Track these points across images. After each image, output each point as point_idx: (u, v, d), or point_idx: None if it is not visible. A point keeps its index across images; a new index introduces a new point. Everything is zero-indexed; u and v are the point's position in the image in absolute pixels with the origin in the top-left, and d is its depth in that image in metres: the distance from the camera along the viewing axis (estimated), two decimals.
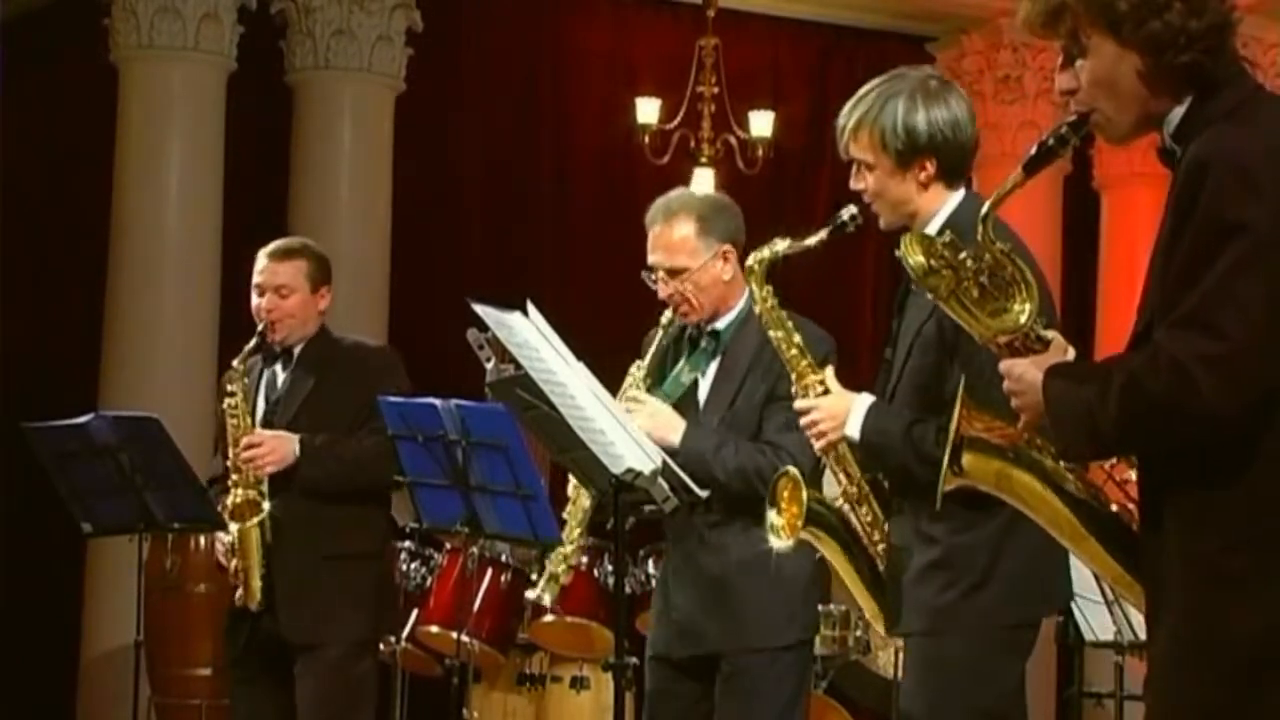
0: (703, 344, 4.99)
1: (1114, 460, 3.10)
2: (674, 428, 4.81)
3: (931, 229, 3.83)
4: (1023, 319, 2.99)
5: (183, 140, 9.08)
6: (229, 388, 5.75)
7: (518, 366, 4.77)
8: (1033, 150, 3.04)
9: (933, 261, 3.04)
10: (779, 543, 4.04)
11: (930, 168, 3.93)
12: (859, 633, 7.43)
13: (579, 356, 4.69)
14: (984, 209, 3.03)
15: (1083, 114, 2.96)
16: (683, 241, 4.94)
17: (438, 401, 5.20)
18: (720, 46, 10.49)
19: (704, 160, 10.48)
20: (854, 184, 4.02)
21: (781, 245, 4.16)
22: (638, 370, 4.96)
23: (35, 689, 9.13)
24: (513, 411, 4.90)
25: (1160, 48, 2.86)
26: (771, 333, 4.19)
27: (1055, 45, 2.99)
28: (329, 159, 9.54)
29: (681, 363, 5.00)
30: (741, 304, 4.95)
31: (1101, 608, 6.44)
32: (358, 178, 9.56)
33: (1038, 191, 8.25)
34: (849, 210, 4.02)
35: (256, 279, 5.81)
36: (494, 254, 10.47)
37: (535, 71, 10.78)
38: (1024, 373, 2.95)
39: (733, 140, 10.51)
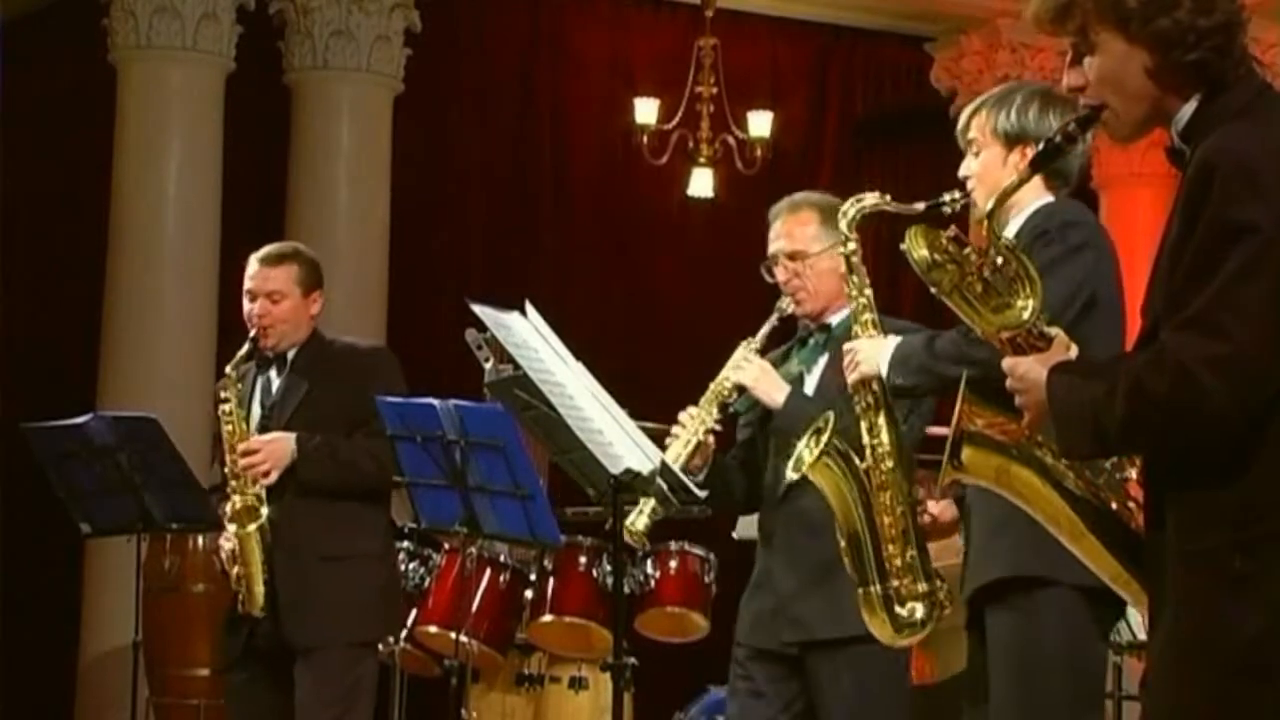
0: (813, 340, 5.06)
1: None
2: (780, 388, 4.90)
3: (1018, 220, 4.06)
4: (1025, 315, 2.99)
5: (181, 140, 9.09)
6: (223, 394, 5.73)
7: (516, 367, 4.77)
8: (1041, 146, 3.07)
9: (936, 255, 3.05)
10: (792, 475, 4.26)
11: (1029, 155, 3.99)
12: None
13: (578, 356, 4.69)
14: (989, 205, 3.06)
15: (1091, 111, 2.96)
16: (805, 229, 5.03)
17: (436, 402, 5.19)
18: (719, 47, 10.50)
19: (702, 160, 10.49)
20: (962, 170, 4.21)
21: (875, 199, 4.27)
22: (747, 345, 5.01)
23: (34, 689, 9.13)
24: (511, 412, 4.90)
25: (1168, 45, 2.86)
26: (850, 277, 4.32)
27: (1054, 45, 2.99)
28: (327, 159, 9.54)
29: (792, 356, 5.07)
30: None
31: None
32: (356, 178, 9.56)
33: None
34: (952, 194, 4.15)
35: (248, 284, 5.78)
36: (492, 254, 10.48)
37: (534, 72, 10.79)
38: (1027, 370, 2.94)
39: (731, 140, 10.52)
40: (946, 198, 4.13)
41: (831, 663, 4.88)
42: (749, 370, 4.90)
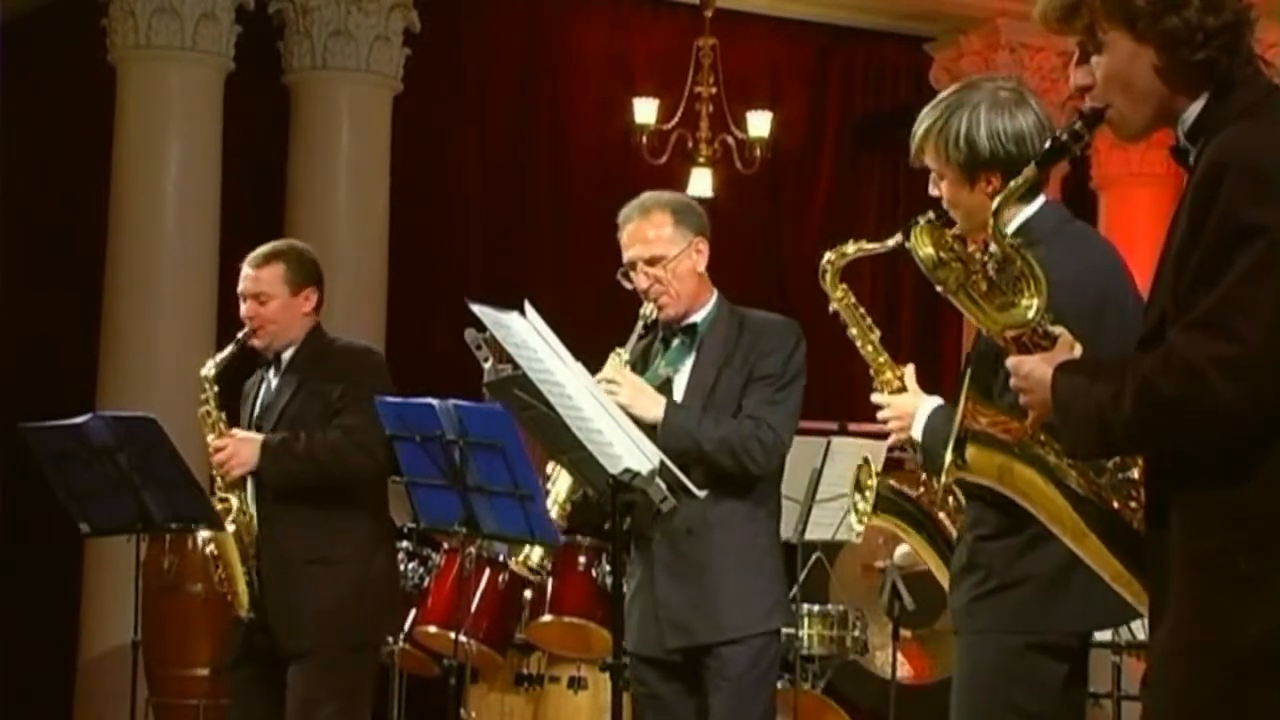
0: (677, 341, 5.10)
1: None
2: (656, 402, 4.95)
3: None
4: (1030, 314, 2.99)
5: (181, 140, 9.09)
6: (200, 397, 5.77)
7: (516, 367, 4.77)
8: (1046, 145, 3.06)
9: (942, 254, 3.05)
10: (857, 526, 4.24)
11: (995, 181, 3.83)
12: (857, 633, 7.43)
13: (576, 356, 4.69)
14: (995, 203, 3.05)
15: (1097, 109, 2.95)
16: (659, 232, 5.09)
17: (435, 401, 5.18)
18: (718, 47, 10.50)
19: (701, 160, 10.49)
20: (931, 190, 3.97)
21: (854, 247, 4.16)
22: (618, 357, 5.03)
23: (33, 689, 9.12)
24: (510, 412, 4.90)
25: (1176, 44, 2.86)
26: (849, 331, 4.21)
27: (1054, 45, 2.99)
28: (327, 159, 9.54)
29: (659, 360, 5.10)
30: (713, 300, 5.12)
31: None
32: (355, 178, 9.56)
33: None
34: (926, 216, 3.98)
35: (239, 286, 5.85)
36: (491, 254, 10.47)
37: (533, 72, 10.78)
38: (1032, 369, 2.94)
39: (730, 140, 10.52)
40: (921, 220, 4.00)
41: (717, 661, 4.98)
42: (623, 391, 4.91)
